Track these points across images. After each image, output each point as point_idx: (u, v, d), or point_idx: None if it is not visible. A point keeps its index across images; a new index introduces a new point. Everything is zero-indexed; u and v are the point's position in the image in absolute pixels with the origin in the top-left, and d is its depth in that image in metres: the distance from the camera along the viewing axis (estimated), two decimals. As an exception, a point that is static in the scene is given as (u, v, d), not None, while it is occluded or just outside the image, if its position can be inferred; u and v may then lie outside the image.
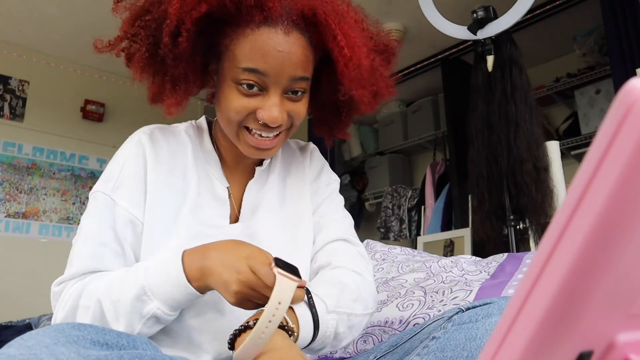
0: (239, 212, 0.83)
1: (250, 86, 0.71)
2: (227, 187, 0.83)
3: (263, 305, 0.61)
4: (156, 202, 0.76)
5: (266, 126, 0.73)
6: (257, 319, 0.60)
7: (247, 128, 0.75)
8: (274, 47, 0.69)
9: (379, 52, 0.82)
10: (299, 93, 0.74)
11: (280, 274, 0.60)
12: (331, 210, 0.89)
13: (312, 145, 0.96)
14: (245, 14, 0.70)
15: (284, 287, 0.59)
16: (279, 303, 0.58)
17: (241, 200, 0.84)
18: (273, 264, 0.62)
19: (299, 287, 0.64)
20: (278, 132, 0.76)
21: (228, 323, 0.75)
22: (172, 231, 0.76)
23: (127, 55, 0.77)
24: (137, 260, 0.75)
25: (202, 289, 0.67)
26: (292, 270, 0.62)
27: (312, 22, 0.72)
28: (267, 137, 0.75)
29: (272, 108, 0.71)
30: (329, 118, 0.88)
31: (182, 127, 0.86)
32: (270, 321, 0.57)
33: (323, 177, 0.92)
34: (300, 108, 0.76)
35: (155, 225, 0.75)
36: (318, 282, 0.76)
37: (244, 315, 0.70)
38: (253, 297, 0.63)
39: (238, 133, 0.75)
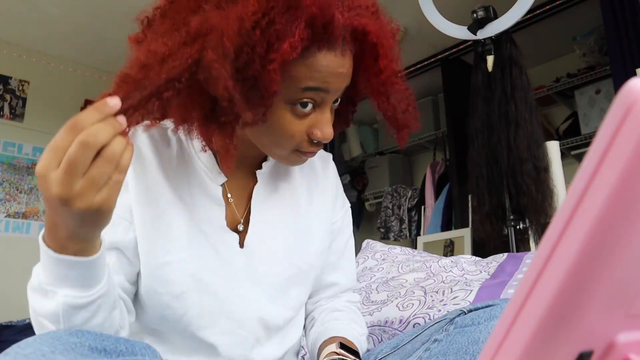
0: (249, 216, 0.78)
1: (307, 104, 0.67)
2: (223, 183, 0.77)
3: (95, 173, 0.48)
4: (140, 218, 0.70)
5: (319, 143, 0.70)
6: None
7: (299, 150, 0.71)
8: (336, 69, 0.66)
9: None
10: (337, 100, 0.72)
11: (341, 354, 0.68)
12: (344, 251, 0.90)
13: (331, 157, 0.93)
14: None
15: None
16: None
17: (246, 205, 0.79)
18: (337, 345, 0.71)
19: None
20: None
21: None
22: (169, 245, 0.71)
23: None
24: (130, 282, 0.71)
25: (59, 249, 0.54)
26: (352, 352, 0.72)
27: (360, 38, 0.68)
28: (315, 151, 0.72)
29: (326, 125, 0.69)
30: (342, 110, 0.82)
31: (171, 125, 0.79)
32: None
33: (338, 201, 0.91)
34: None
35: (144, 241, 0.70)
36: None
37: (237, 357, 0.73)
38: (77, 162, 0.48)
39: (287, 155, 0.72)
